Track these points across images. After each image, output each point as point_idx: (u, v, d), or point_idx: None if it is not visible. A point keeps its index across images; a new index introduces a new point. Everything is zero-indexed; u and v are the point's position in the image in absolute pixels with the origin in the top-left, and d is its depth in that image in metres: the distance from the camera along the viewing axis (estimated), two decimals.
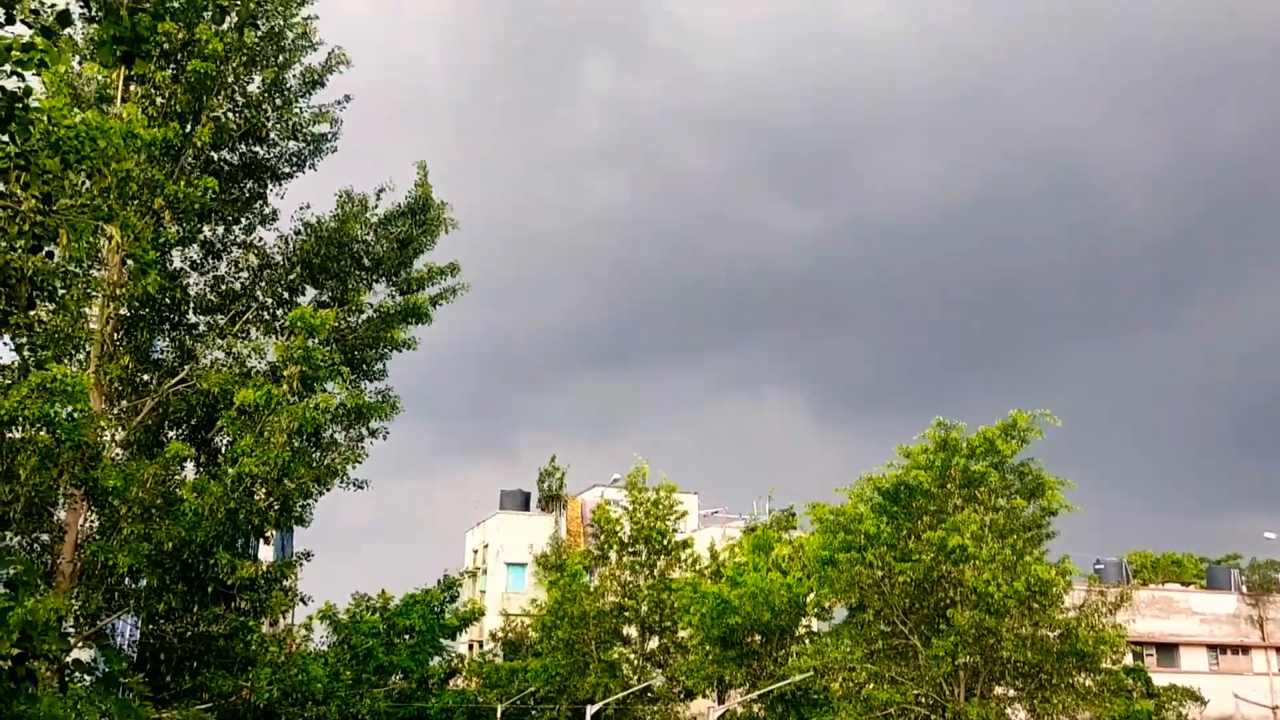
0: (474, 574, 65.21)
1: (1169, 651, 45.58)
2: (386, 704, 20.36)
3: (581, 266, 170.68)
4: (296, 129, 15.69)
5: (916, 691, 30.21)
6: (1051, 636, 29.88)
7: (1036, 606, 29.83)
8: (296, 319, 13.76)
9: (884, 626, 32.43)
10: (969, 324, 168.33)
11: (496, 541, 66.17)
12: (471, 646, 60.06)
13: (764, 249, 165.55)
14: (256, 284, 15.34)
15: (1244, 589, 52.14)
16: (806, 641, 39.35)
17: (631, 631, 46.41)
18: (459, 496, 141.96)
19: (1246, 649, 47.36)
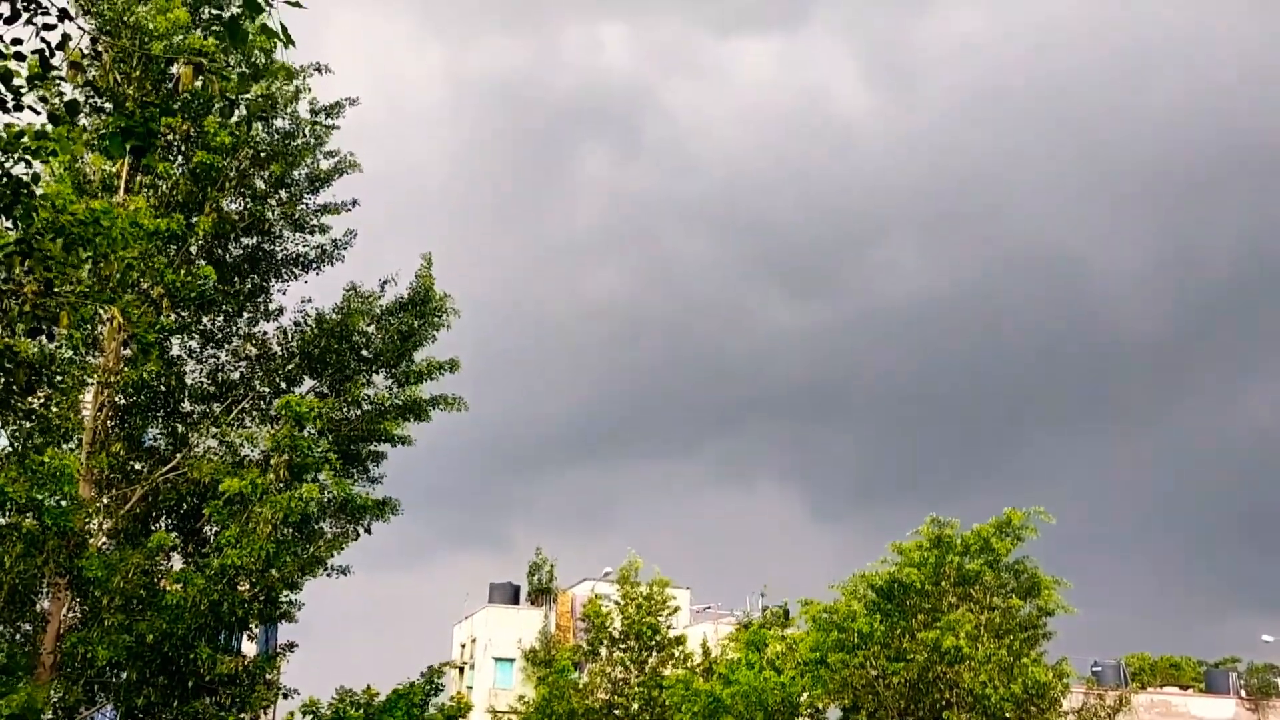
0: (460, 669, 63.87)
1: None
2: None
3: (576, 356, 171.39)
4: (301, 224, 15.92)
5: None
6: None
7: (1034, 710, 29.25)
8: (282, 407, 13.76)
9: None
10: (963, 420, 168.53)
11: (484, 635, 64.99)
12: None
13: (758, 342, 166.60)
14: (254, 374, 15.38)
15: (1243, 693, 51.25)
16: None
17: None
18: (447, 588, 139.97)
19: None
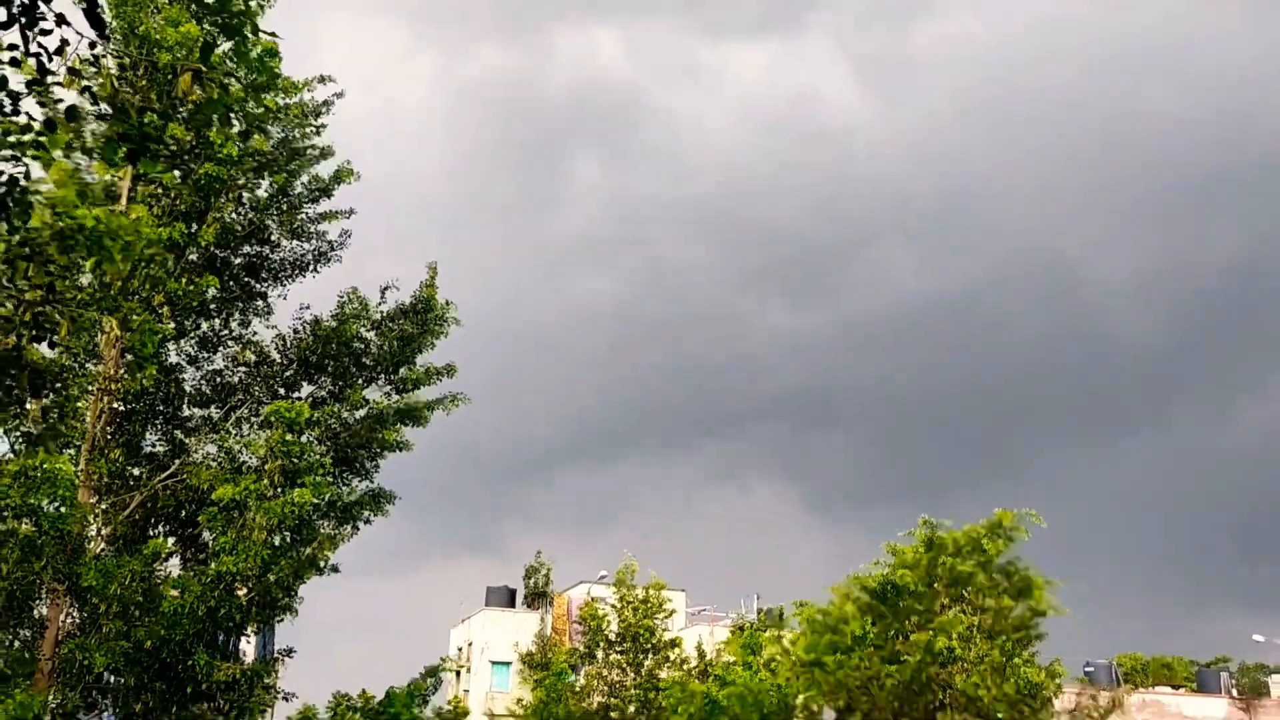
0: (457, 671, 63.87)
1: None
2: None
3: (571, 362, 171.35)
4: (300, 232, 15.99)
5: None
6: None
7: (1027, 710, 29.42)
8: (272, 412, 13.82)
9: None
10: (958, 424, 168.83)
11: (481, 639, 65.09)
12: None
13: (754, 347, 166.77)
14: (253, 380, 15.46)
15: (1234, 692, 51.48)
16: None
17: None
18: (444, 592, 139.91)
19: None
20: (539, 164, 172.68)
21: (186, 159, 14.32)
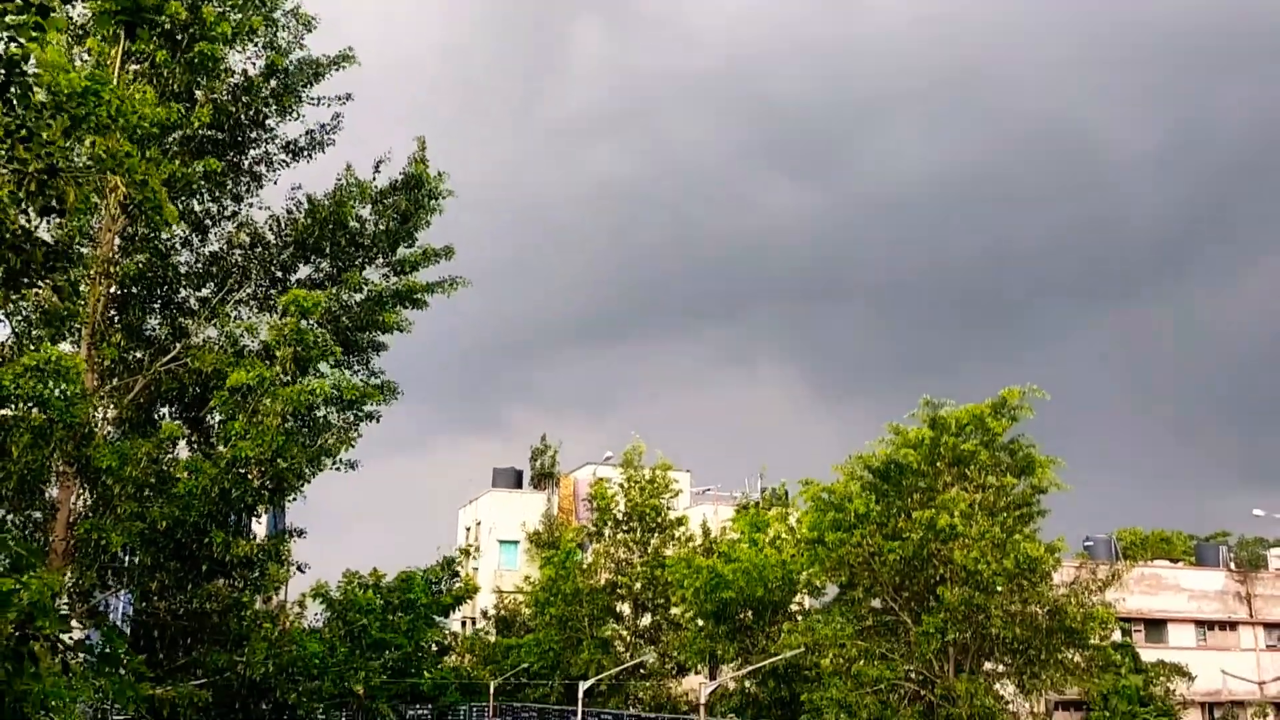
0: (467, 552, 65.41)
1: (1157, 628, 46.00)
2: (382, 678, 20.42)
3: (575, 241, 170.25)
4: (291, 111, 15.54)
5: (906, 667, 30.48)
6: (1040, 613, 30.14)
7: (1026, 584, 30.07)
8: (290, 301, 13.71)
9: (874, 604, 32.67)
10: (967, 299, 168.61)
11: (489, 519, 66.40)
12: (464, 623, 60.39)
13: (761, 225, 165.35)
14: (249, 261, 15.28)
15: (1232, 566, 52.60)
16: (798, 618, 39.60)
17: (624, 608, 46.71)
18: (451, 474, 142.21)
19: (1234, 625, 47.81)
20: (537, 35, 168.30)
21: (179, 36, 13.84)
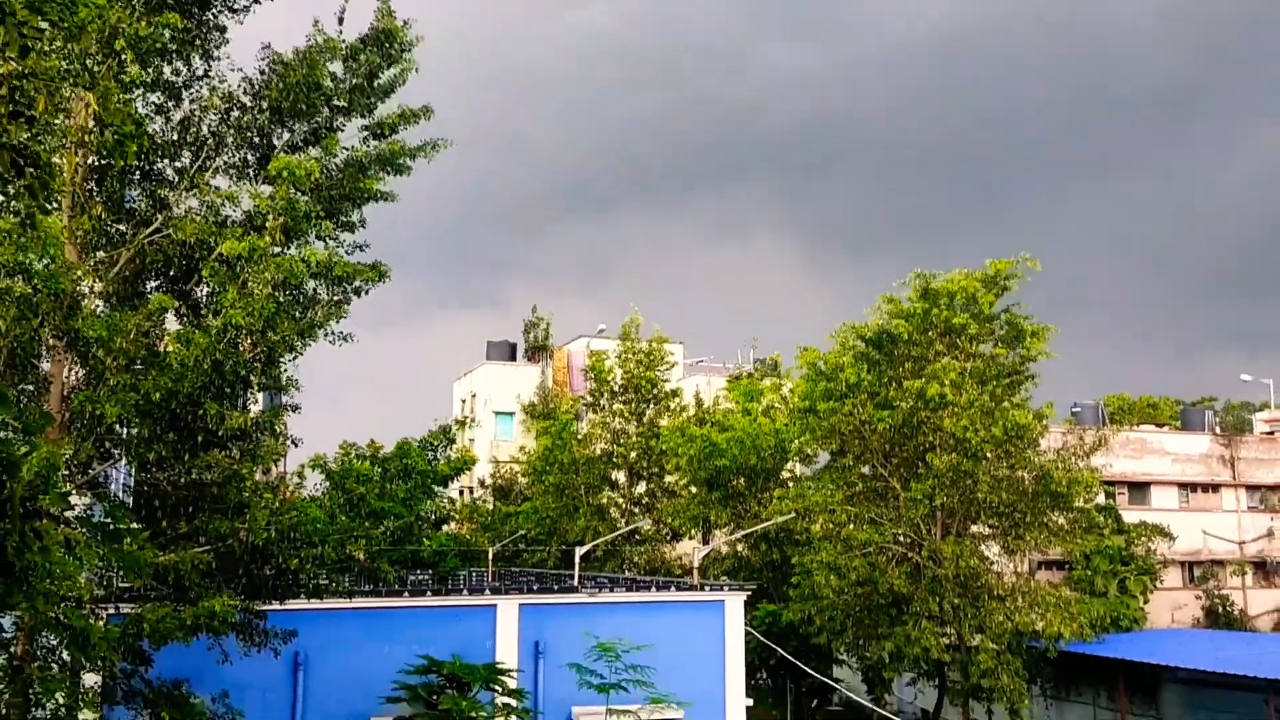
0: (463, 423, 66.25)
1: (1140, 490, 47.06)
2: (383, 544, 20.85)
3: (564, 104, 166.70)
4: None
5: (895, 531, 31.28)
6: (1027, 478, 30.78)
7: (1013, 450, 30.61)
8: (282, 168, 13.44)
9: (864, 470, 33.32)
10: (963, 168, 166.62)
11: (484, 391, 67.03)
12: (462, 493, 61.61)
13: (756, 86, 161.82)
14: (224, 127, 14.90)
15: (1217, 430, 53.48)
16: (790, 485, 40.42)
17: (620, 477, 47.63)
18: (444, 346, 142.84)
19: (1217, 487, 48.91)
20: None
21: None
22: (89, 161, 13.71)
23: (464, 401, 69.33)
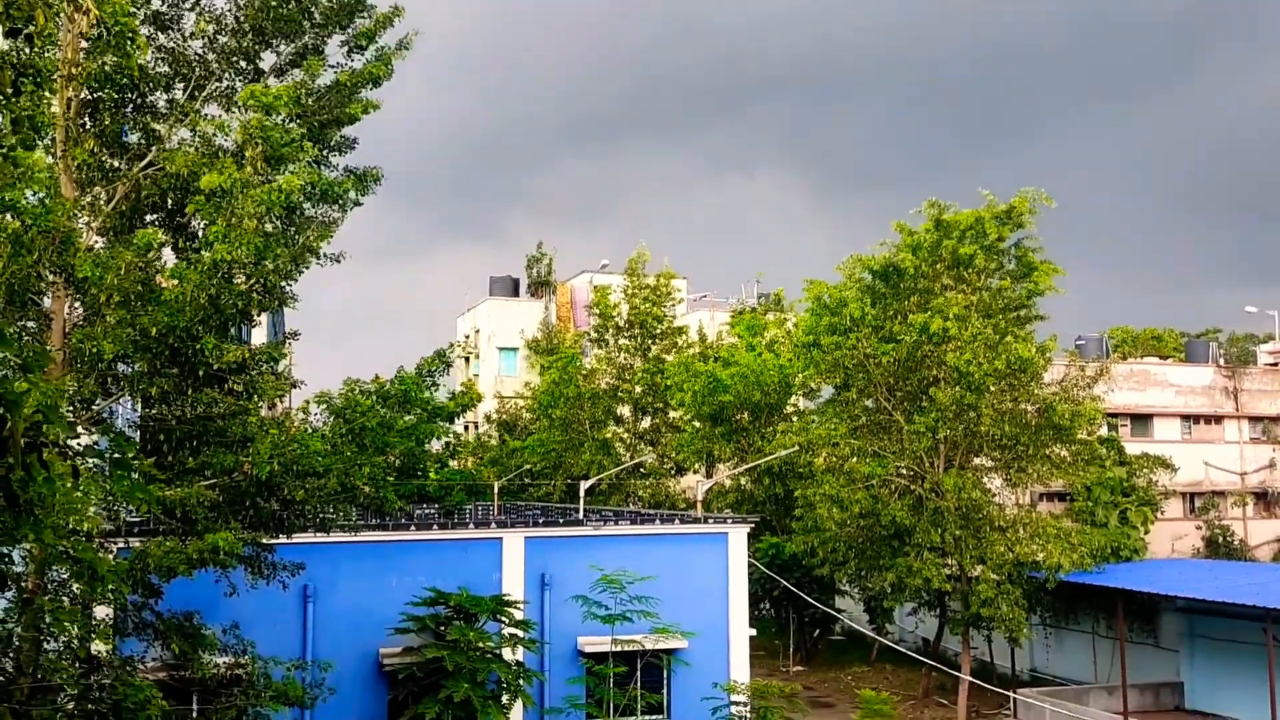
0: (466, 357, 66.29)
1: (1143, 422, 47.12)
2: (388, 478, 20.95)
3: (565, 34, 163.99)
4: None
5: (898, 464, 31.41)
6: (1030, 411, 30.81)
7: (1016, 383, 30.59)
8: (247, 97, 13.17)
9: (868, 404, 33.37)
10: (972, 98, 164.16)
11: (488, 327, 66.95)
12: (467, 428, 61.90)
13: (761, 13, 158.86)
14: (211, 52, 14.59)
15: (1221, 362, 53.38)
16: (793, 419, 40.55)
17: (625, 411, 47.80)
18: (446, 282, 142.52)
19: (1219, 419, 48.98)
20: None
21: None
22: (80, 95, 13.49)
23: (467, 337, 69.30)
